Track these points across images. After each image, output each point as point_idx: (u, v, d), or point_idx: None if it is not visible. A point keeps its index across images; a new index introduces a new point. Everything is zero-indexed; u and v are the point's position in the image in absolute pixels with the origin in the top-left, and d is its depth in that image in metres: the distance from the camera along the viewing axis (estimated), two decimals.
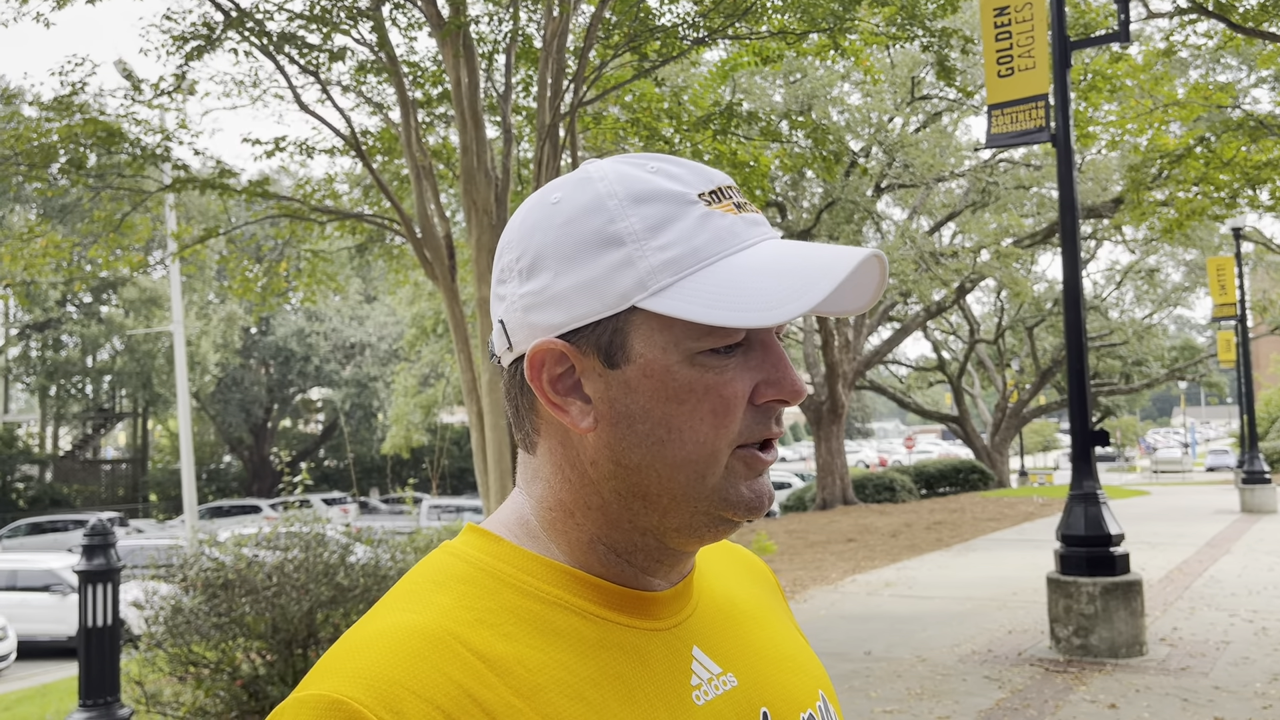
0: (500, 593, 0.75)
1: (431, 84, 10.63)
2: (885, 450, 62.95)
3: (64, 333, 38.55)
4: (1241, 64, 16.70)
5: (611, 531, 0.78)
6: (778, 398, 0.76)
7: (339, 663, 0.68)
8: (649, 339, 0.74)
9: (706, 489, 0.75)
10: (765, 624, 0.91)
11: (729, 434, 0.75)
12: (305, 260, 13.21)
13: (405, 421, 27.42)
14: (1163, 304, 32.32)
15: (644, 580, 0.80)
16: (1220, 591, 9.53)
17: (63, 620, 15.04)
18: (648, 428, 0.75)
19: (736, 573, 0.95)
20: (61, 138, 9.44)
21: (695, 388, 0.74)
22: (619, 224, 0.74)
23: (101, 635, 5.28)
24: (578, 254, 0.75)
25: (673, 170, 0.77)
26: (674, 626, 0.80)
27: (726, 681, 0.80)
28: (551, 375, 0.76)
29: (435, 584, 0.75)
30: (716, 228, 0.75)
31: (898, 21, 9.39)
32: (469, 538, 0.81)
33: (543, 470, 0.80)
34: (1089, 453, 7.40)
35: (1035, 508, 19.96)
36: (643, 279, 0.73)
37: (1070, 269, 7.57)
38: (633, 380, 0.75)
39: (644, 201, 0.75)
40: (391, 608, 0.73)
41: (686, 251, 0.73)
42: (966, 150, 21.47)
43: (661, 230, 0.74)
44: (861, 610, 9.27)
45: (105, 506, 38.25)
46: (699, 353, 0.74)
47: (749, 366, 0.76)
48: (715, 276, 0.73)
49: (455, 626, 0.71)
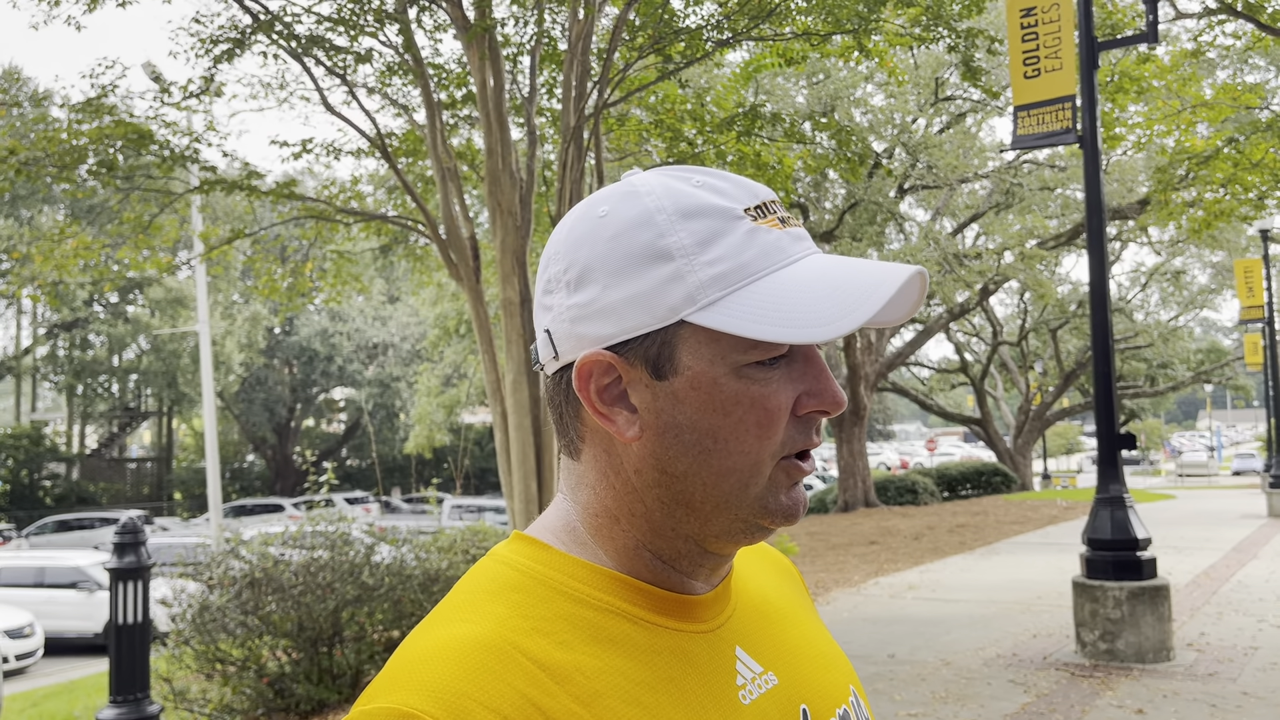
0: (553, 600, 0.76)
1: (456, 86, 10.67)
2: (907, 452, 62.65)
3: (91, 332, 38.98)
4: (1270, 65, 16.54)
5: (655, 538, 0.80)
6: (819, 408, 0.78)
7: (404, 675, 0.69)
8: (696, 352, 0.76)
9: (749, 498, 0.77)
10: (798, 621, 0.93)
11: (772, 445, 0.77)
12: (330, 261, 13.30)
13: (428, 421, 27.53)
14: (1189, 306, 32.01)
15: (687, 584, 0.82)
16: (1248, 597, 9.44)
17: (89, 617, 15.20)
18: (694, 438, 0.76)
19: (767, 571, 0.97)
20: (91, 139, 9.54)
21: (741, 400, 0.75)
22: (668, 239, 0.76)
23: (132, 632, 5.34)
24: (627, 268, 0.76)
25: (718, 185, 0.79)
26: (717, 628, 0.82)
27: (768, 680, 0.82)
28: (599, 385, 0.78)
29: (489, 593, 0.77)
30: (763, 243, 0.76)
31: (923, 22, 9.36)
32: (518, 545, 0.82)
33: (588, 477, 0.82)
34: (1115, 456, 7.35)
35: (1059, 511, 19.82)
36: (692, 293, 0.74)
37: (1097, 271, 7.52)
38: (680, 392, 0.76)
39: (692, 217, 0.76)
40: (449, 619, 0.75)
41: (735, 267, 0.75)
42: (990, 151, 21.36)
43: (710, 245, 0.75)
44: (884, 613, 9.24)
45: (130, 504, 38.64)
46: (745, 365, 0.76)
47: (791, 378, 0.78)
48: (763, 292, 0.75)
49: (514, 636, 0.72)
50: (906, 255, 18.59)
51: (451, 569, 7.58)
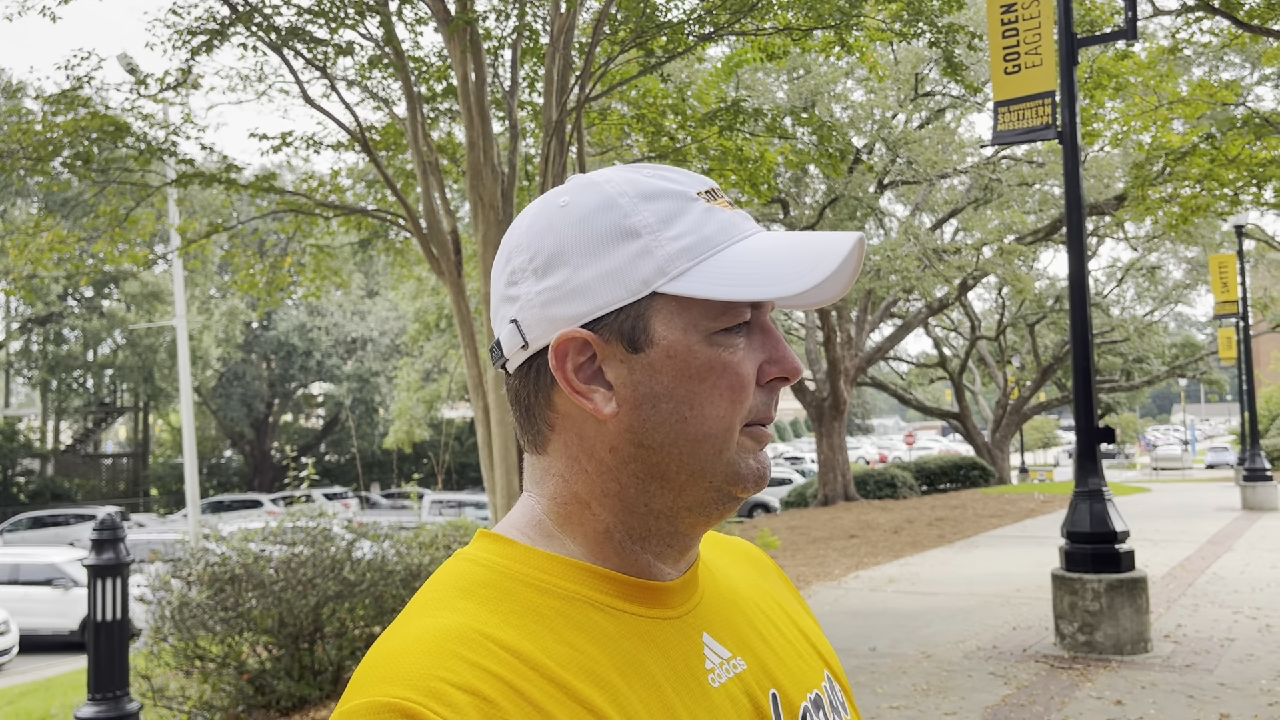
0: (520, 593, 0.78)
1: (437, 79, 10.62)
2: (886, 447, 62.96)
3: (65, 326, 38.54)
4: (1245, 62, 16.70)
5: (628, 517, 0.82)
6: (780, 374, 0.82)
7: (379, 670, 0.70)
8: (669, 321, 0.79)
9: (722, 464, 0.80)
10: (766, 608, 0.94)
11: (743, 410, 0.80)
12: (309, 255, 13.21)
13: (408, 416, 27.43)
14: (1164, 301, 32.30)
15: (656, 568, 0.83)
16: (1223, 589, 9.55)
17: (65, 614, 15.06)
18: (671, 406, 0.79)
19: (735, 563, 0.99)
20: (66, 132, 9.43)
21: (714, 365, 0.79)
22: (633, 218, 0.80)
23: (110, 629, 5.29)
24: (597, 247, 0.79)
25: (669, 174, 0.83)
26: (684, 615, 0.84)
27: (736, 665, 0.84)
28: (575, 364, 0.80)
29: (457, 590, 0.78)
30: (721, 220, 0.81)
31: (904, 18, 9.38)
32: (483, 543, 0.84)
33: (555, 466, 0.83)
34: (1094, 449, 7.41)
35: (1036, 504, 19.98)
36: (662, 265, 0.78)
37: (1076, 266, 7.58)
38: (656, 362, 0.79)
39: (652, 199, 0.81)
40: (418, 615, 0.76)
41: (699, 240, 0.79)
42: (970, 147, 21.46)
43: (672, 223, 0.80)
44: (865, 606, 9.28)
45: (106, 501, 38.29)
46: (715, 332, 0.79)
47: (752, 349, 0.81)
48: (728, 260, 0.79)
49: (483, 627, 0.73)
50: (886, 250, 18.65)
51: (433, 564, 7.56)
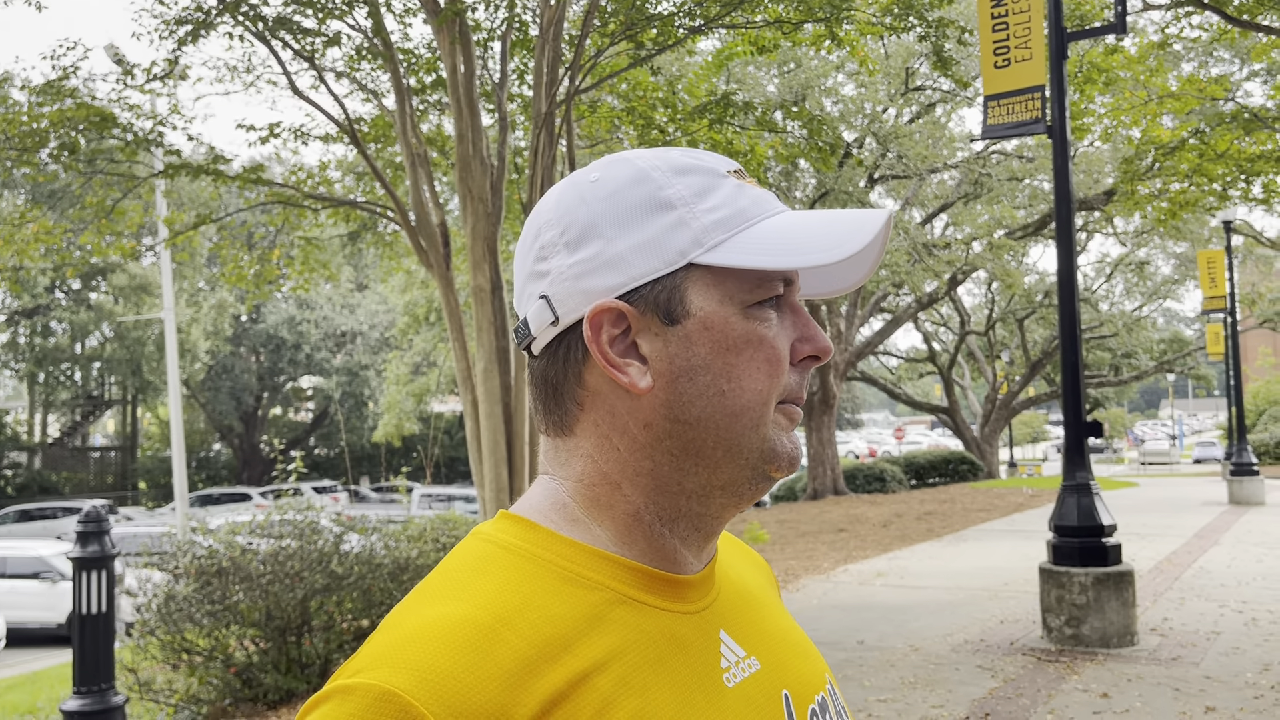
0: (543, 577, 0.76)
1: (426, 71, 10.57)
2: (875, 441, 63.09)
3: (53, 319, 38.31)
4: (1235, 57, 16.74)
5: (659, 497, 0.80)
6: (813, 353, 0.82)
7: (388, 652, 0.68)
8: (705, 294, 0.78)
9: (758, 439, 0.79)
10: (773, 611, 0.93)
11: (779, 384, 0.80)
12: (297, 248, 13.15)
13: (397, 410, 27.36)
14: (1152, 296, 32.42)
15: (681, 557, 0.82)
16: (1210, 582, 9.59)
17: (52, 608, 14.99)
18: (709, 379, 0.78)
19: (744, 561, 0.98)
20: (52, 122, 9.36)
21: (751, 339, 0.78)
22: (667, 190, 0.79)
23: (96, 622, 5.26)
24: (630, 219, 0.79)
25: (698, 153, 0.83)
26: (703, 610, 0.82)
27: (751, 665, 0.83)
28: (610, 336, 0.79)
29: (476, 571, 0.76)
30: (754, 195, 0.81)
31: (894, 11, 9.37)
32: (505, 524, 0.81)
33: (583, 447, 0.81)
34: (1082, 444, 7.43)
35: (1025, 499, 20.05)
36: (698, 236, 0.78)
37: (1065, 261, 7.59)
38: (693, 334, 0.78)
39: (685, 173, 0.81)
40: (436, 596, 0.74)
41: (734, 212, 0.79)
42: (960, 141, 21.48)
43: (706, 196, 0.80)
44: (854, 600, 9.30)
45: (94, 494, 38.12)
46: (751, 305, 0.79)
47: (784, 326, 0.81)
48: (763, 232, 0.79)
49: (502, 613, 0.71)
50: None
51: (421, 558, 7.54)
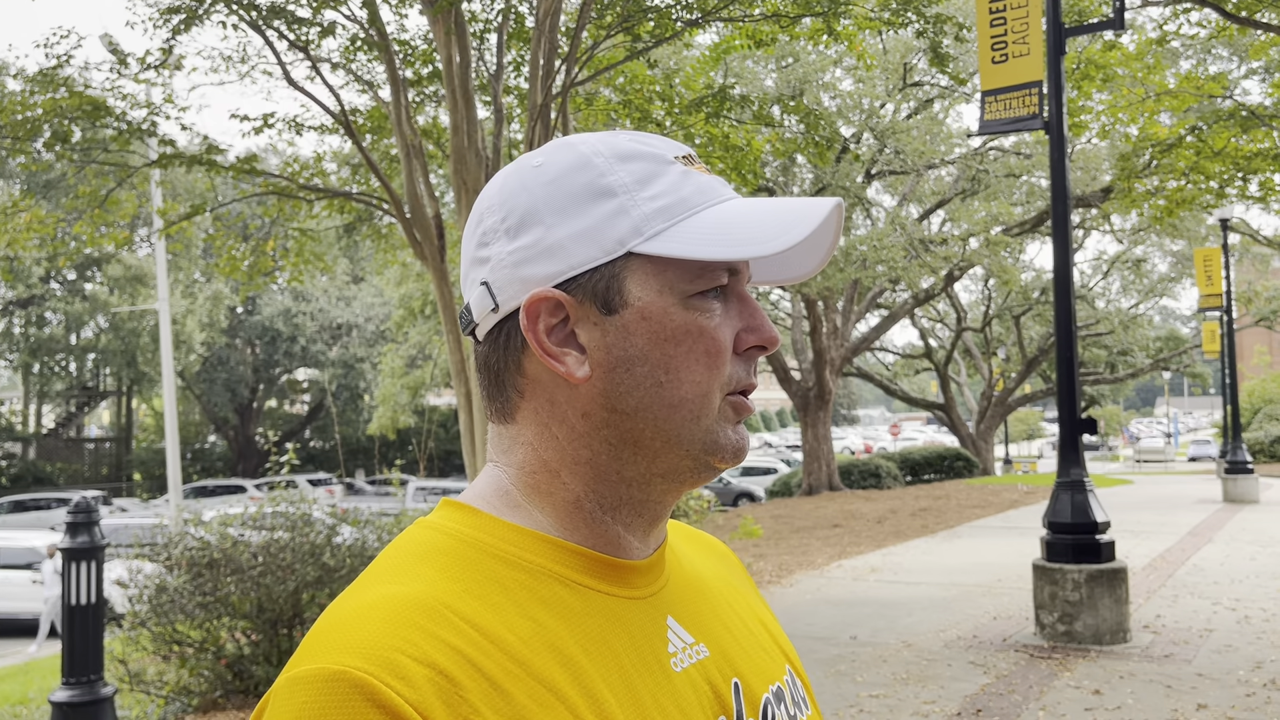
0: (484, 563, 0.75)
1: (422, 62, 10.52)
2: (871, 437, 63.11)
3: (48, 309, 38.23)
4: (1233, 55, 16.72)
5: (599, 485, 0.79)
6: (758, 343, 0.80)
7: (328, 637, 0.67)
8: (644, 283, 0.77)
9: (700, 430, 0.78)
10: (731, 601, 0.93)
11: (720, 376, 0.78)
12: (292, 239, 13.11)
13: (392, 403, 27.33)
14: (1149, 294, 32.44)
15: (625, 542, 0.81)
16: (1203, 580, 9.60)
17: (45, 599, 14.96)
18: (646, 369, 0.77)
19: (701, 553, 0.97)
20: (46, 111, 9.32)
21: (690, 329, 0.77)
22: (609, 177, 0.78)
23: (85, 613, 5.24)
24: (571, 206, 0.78)
25: (645, 138, 0.82)
26: (650, 596, 0.82)
27: (699, 651, 0.82)
28: (547, 325, 0.78)
29: (417, 557, 0.75)
30: (698, 182, 0.79)
31: (892, 7, 9.34)
32: (447, 511, 0.81)
33: (524, 434, 0.81)
34: (1077, 441, 7.42)
35: (1020, 495, 20.06)
36: (638, 225, 0.76)
37: (1061, 257, 7.57)
38: (630, 324, 0.77)
39: (629, 159, 0.79)
40: (376, 581, 0.73)
41: (676, 200, 0.78)
42: (957, 137, 21.45)
43: (649, 183, 0.78)
44: (847, 595, 9.29)
45: (88, 485, 38.08)
46: (691, 295, 0.77)
47: (729, 316, 0.79)
48: (705, 221, 0.77)
49: (444, 596, 0.71)
50: (873, 240, 18.65)
51: None
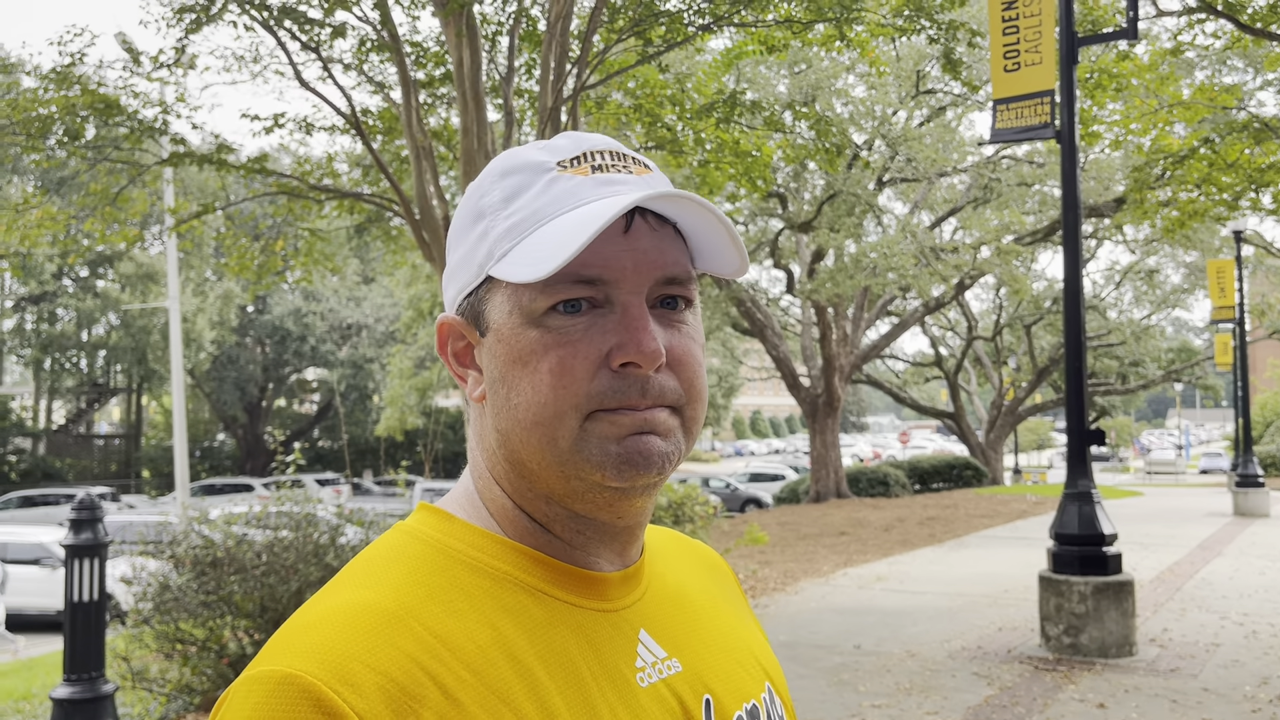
0: (450, 569, 0.76)
1: (434, 64, 10.54)
2: (879, 445, 63.03)
3: (59, 306, 38.41)
4: (1248, 66, 16.64)
5: (521, 500, 0.80)
6: (626, 359, 0.73)
7: (289, 640, 0.69)
8: (499, 305, 0.77)
9: (561, 452, 0.74)
10: (715, 615, 0.91)
11: (572, 395, 0.74)
12: (303, 239, 13.14)
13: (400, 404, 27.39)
14: (1161, 305, 32.28)
15: (581, 555, 0.80)
16: (1211, 594, 9.53)
17: (52, 594, 14.99)
18: (504, 392, 0.76)
19: (689, 564, 0.96)
20: (59, 109, 9.36)
21: (535, 348, 0.74)
22: (485, 198, 0.79)
23: (87, 610, 5.24)
24: (459, 231, 0.81)
25: (558, 143, 0.79)
26: (622, 609, 0.81)
27: (671, 666, 0.81)
28: (455, 349, 0.82)
29: (388, 560, 0.76)
30: (558, 190, 0.76)
31: (905, 13, 9.32)
32: (421, 515, 0.82)
33: (473, 441, 0.84)
34: (1084, 451, 7.37)
35: (1028, 505, 19.97)
36: (491, 248, 0.76)
37: (1071, 267, 7.53)
38: (491, 346, 0.78)
39: (508, 174, 0.78)
40: (344, 585, 0.74)
41: (527, 215, 0.76)
42: (970, 145, 21.39)
43: (513, 199, 0.77)
44: (852, 604, 9.25)
45: (97, 481, 38.21)
46: (542, 313, 0.74)
47: (605, 329, 0.75)
48: (540, 236, 0.74)
49: (408, 601, 0.71)
50: (884, 248, 18.60)
51: None
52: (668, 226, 0.78)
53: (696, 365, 0.78)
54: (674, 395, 0.76)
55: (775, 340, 22.85)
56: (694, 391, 0.77)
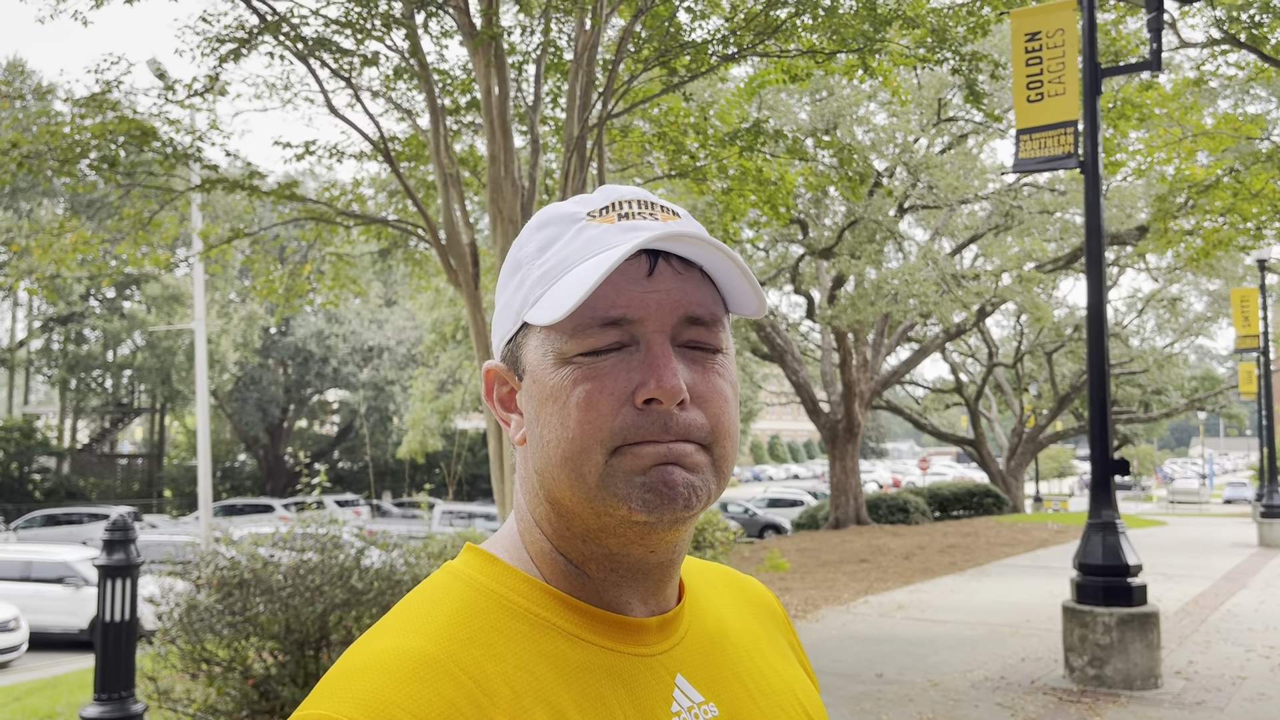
0: (491, 612, 0.79)
1: (461, 92, 10.69)
2: (899, 471, 62.62)
3: (86, 326, 38.87)
4: (1271, 95, 16.62)
5: (560, 541, 0.82)
6: (648, 395, 0.76)
7: (336, 686, 0.72)
8: (534, 348, 0.81)
9: (590, 488, 0.77)
10: (758, 656, 0.91)
11: (598, 430, 0.76)
12: (328, 263, 13.29)
13: (421, 426, 27.46)
14: (1184, 333, 32.08)
15: (614, 599, 0.82)
16: (1237, 626, 9.44)
17: (75, 613, 15.12)
18: (539, 431, 0.80)
19: (735, 602, 0.96)
20: (94, 134, 9.53)
21: (564, 386, 0.78)
22: (523, 250, 0.84)
23: (119, 630, 5.31)
24: (502, 282, 0.86)
25: (593, 197, 0.84)
26: (659, 654, 0.83)
27: (708, 711, 0.82)
28: (500, 395, 0.86)
29: (433, 604, 0.80)
30: (585, 238, 0.80)
31: (927, 44, 9.39)
32: (467, 558, 0.85)
33: (518, 484, 0.87)
34: (1108, 481, 7.35)
35: (1049, 534, 19.82)
36: (526, 294, 0.81)
37: (1095, 295, 7.54)
38: (529, 389, 0.81)
39: (543, 226, 0.83)
40: (391, 630, 0.77)
41: (557, 263, 0.80)
42: (991, 173, 21.41)
43: (547, 249, 0.82)
44: (873, 632, 9.22)
45: (120, 501, 38.49)
46: (573, 356, 0.78)
47: (631, 367, 0.77)
48: (566, 281, 0.78)
49: (450, 646, 0.75)
50: (904, 274, 18.60)
51: None
52: (694, 270, 0.80)
53: (723, 403, 0.79)
54: (700, 432, 0.77)
55: (795, 365, 22.84)
56: (721, 429, 0.79)
